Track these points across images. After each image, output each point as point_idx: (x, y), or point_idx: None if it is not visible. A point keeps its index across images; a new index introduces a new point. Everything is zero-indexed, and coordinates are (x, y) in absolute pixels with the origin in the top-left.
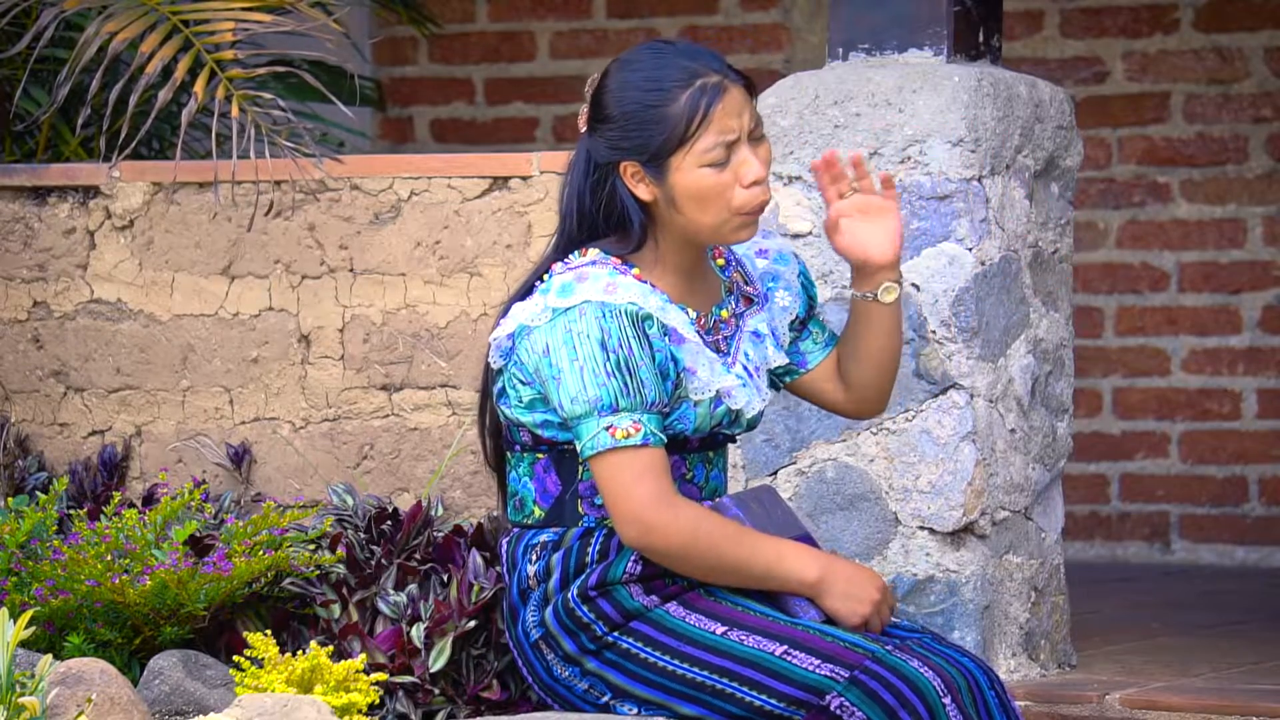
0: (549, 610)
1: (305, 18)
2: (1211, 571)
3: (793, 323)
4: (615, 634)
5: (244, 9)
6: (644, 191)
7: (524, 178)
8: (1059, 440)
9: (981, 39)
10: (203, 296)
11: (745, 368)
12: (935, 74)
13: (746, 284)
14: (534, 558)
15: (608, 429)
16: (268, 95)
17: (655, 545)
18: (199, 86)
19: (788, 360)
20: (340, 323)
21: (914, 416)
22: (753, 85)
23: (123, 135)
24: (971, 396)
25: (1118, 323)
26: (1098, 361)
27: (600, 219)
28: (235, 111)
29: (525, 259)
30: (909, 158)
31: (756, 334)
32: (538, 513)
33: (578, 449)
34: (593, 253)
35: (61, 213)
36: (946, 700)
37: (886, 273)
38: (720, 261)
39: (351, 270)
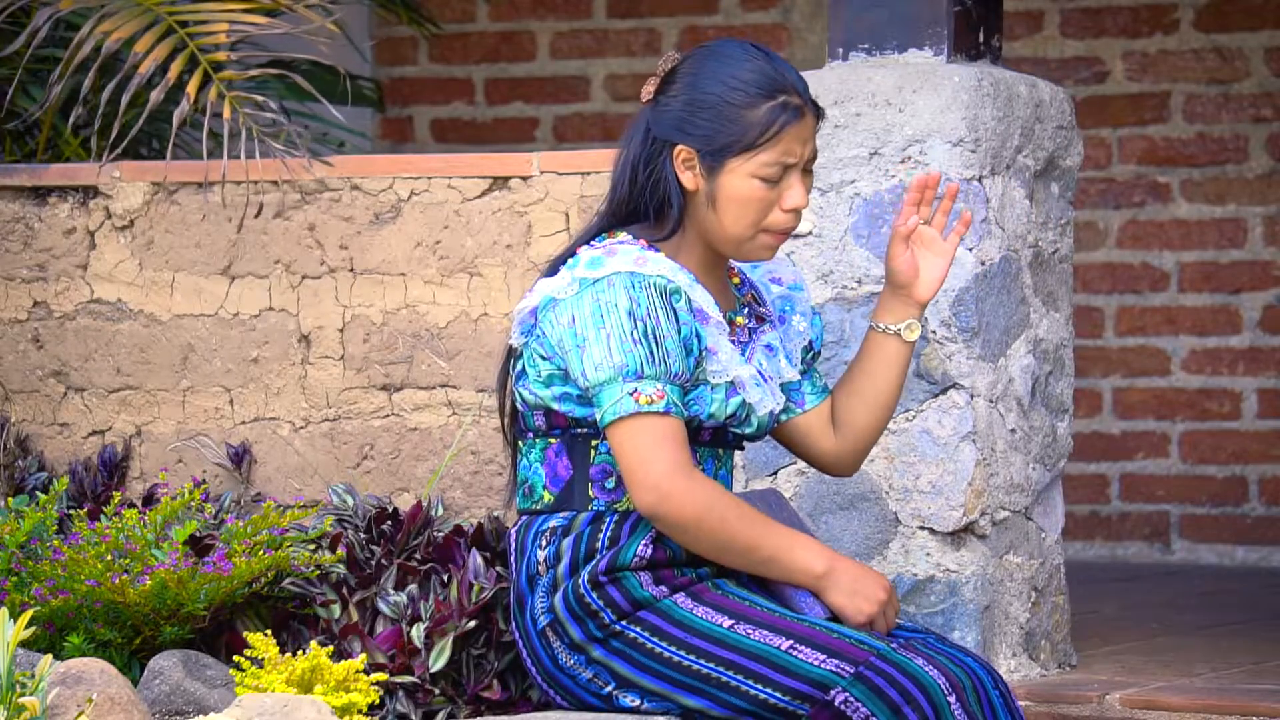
0: (558, 596)
1: (301, 19)
2: (1211, 571)
3: (804, 351)
4: (623, 623)
5: (241, 9)
6: (689, 179)
7: (524, 178)
8: (1059, 440)
9: (981, 39)
10: (203, 296)
11: (759, 372)
12: (935, 74)
13: (759, 305)
14: (544, 543)
15: (632, 394)
16: (261, 97)
17: (669, 514)
18: (191, 88)
19: (799, 376)
20: (340, 323)
21: (914, 416)
22: (823, 118)
23: (114, 135)
24: (972, 396)
25: (1118, 323)
26: (1098, 361)
27: (648, 194)
28: (227, 113)
29: (525, 259)
30: (909, 158)
31: (770, 347)
32: (547, 498)
33: (598, 417)
34: (620, 234)
35: (61, 213)
36: (951, 699)
37: (915, 310)
38: (736, 280)
39: (351, 270)
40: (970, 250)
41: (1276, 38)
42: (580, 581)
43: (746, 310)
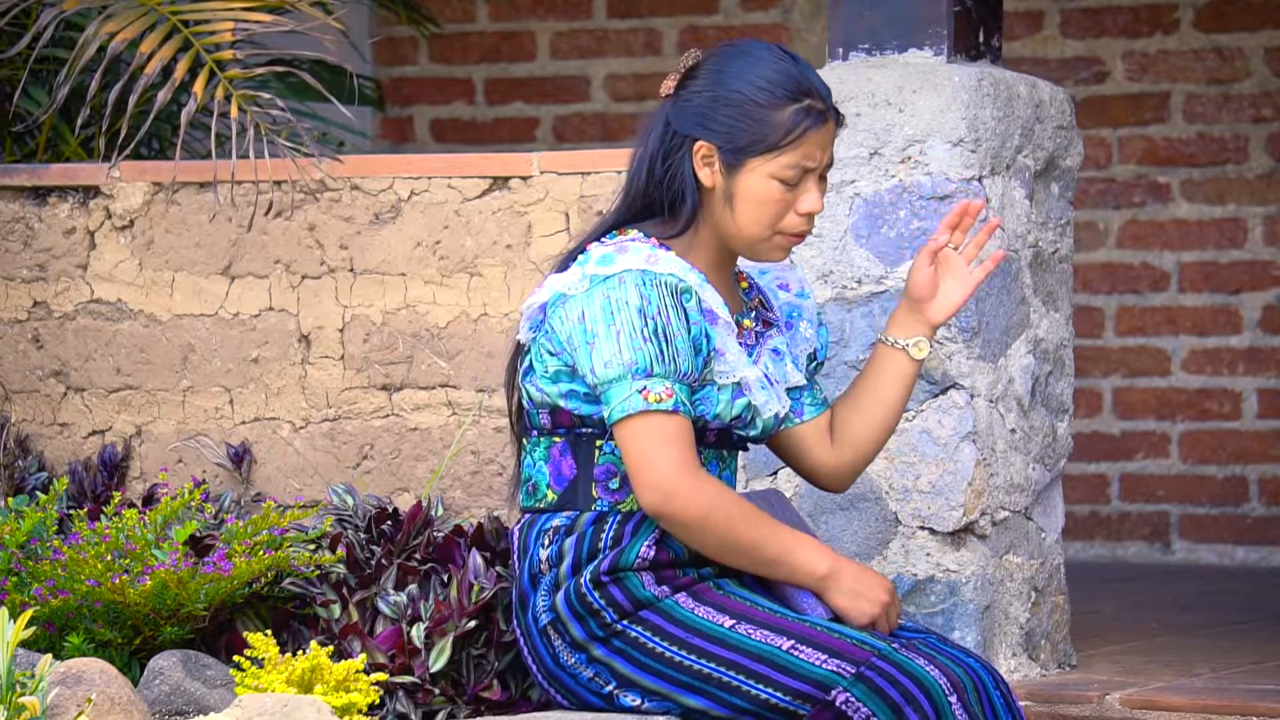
0: (560, 595)
1: (305, 17)
2: (1211, 571)
3: (807, 359)
4: (624, 622)
5: (244, 9)
6: (706, 176)
7: (524, 178)
8: (1059, 440)
9: (981, 39)
10: (203, 296)
11: (765, 375)
12: (935, 74)
13: (767, 310)
14: (546, 542)
15: (640, 391)
16: (267, 95)
17: (674, 513)
18: (198, 87)
19: (805, 381)
20: (340, 323)
21: (914, 416)
22: (843, 125)
23: (122, 135)
24: (972, 396)
25: (1118, 323)
26: (1098, 361)
27: (664, 189)
28: (235, 112)
29: (525, 259)
30: (909, 158)
31: (776, 351)
32: (551, 496)
33: (606, 414)
34: (631, 233)
35: (61, 213)
36: (952, 699)
37: (926, 329)
38: (745, 285)
39: (351, 270)
40: None
41: (1276, 38)
42: (582, 581)
43: (754, 314)
